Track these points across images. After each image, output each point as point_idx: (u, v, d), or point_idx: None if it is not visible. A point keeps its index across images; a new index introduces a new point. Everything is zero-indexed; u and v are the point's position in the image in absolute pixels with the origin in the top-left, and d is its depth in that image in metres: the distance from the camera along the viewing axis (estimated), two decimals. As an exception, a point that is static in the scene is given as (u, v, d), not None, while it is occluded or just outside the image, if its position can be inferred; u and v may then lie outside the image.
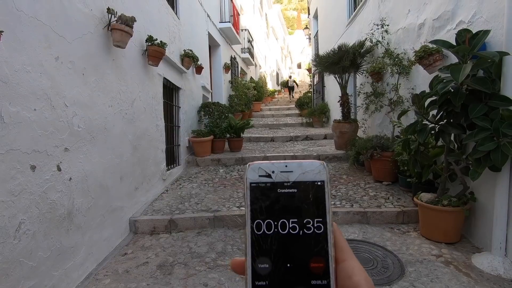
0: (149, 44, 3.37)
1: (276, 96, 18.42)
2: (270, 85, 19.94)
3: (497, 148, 2.05)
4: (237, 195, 3.71)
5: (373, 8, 5.10)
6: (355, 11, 6.08)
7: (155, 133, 3.77)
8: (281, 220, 0.30)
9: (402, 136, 3.58)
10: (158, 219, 3.06)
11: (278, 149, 6.03)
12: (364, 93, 5.01)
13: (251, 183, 0.31)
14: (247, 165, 0.32)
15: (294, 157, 5.26)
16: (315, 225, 0.30)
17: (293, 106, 12.29)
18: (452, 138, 2.56)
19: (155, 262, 2.46)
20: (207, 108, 5.91)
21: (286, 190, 0.31)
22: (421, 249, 2.51)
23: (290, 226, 0.30)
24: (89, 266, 2.31)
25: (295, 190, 0.31)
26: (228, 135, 5.83)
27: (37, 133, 1.82)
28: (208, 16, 7.19)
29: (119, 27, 2.53)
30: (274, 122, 9.58)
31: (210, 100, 7.17)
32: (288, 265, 0.29)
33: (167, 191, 3.95)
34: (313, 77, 11.78)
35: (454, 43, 2.39)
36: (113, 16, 2.57)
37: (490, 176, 2.31)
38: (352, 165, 4.58)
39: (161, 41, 3.45)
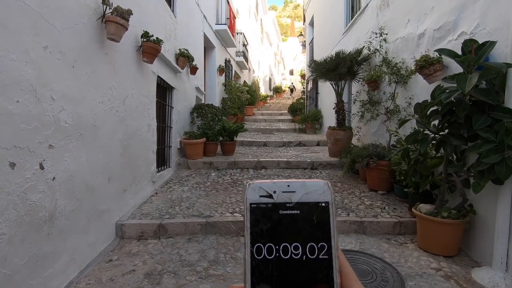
0: (145, 40, 3.24)
1: (268, 101, 18.41)
2: (263, 90, 19.94)
3: (502, 160, 2.01)
4: (230, 200, 3.58)
5: (371, 17, 5.12)
6: (353, 19, 6.10)
7: (146, 133, 3.61)
8: (283, 244, 0.28)
9: (398, 146, 3.55)
10: (147, 223, 2.89)
11: (271, 154, 5.94)
12: (360, 101, 4.99)
13: (251, 204, 0.29)
14: (247, 184, 0.30)
15: (287, 163, 5.18)
16: (320, 249, 0.28)
17: (286, 111, 12.27)
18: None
19: (143, 270, 2.30)
20: (200, 109, 5.78)
21: (289, 212, 0.29)
22: (420, 262, 2.45)
23: (293, 250, 0.28)
24: (71, 273, 2.13)
25: (298, 212, 0.29)
26: (221, 138, 5.70)
27: (19, 128, 1.66)
28: (205, 17, 7.09)
29: (114, 19, 2.40)
30: (267, 127, 9.51)
31: (203, 101, 7.04)
32: None
33: (156, 194, 3.78)
34: (307, 83, 11.81)
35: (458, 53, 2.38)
36: (108, 7, 2.44)
37: (490, 189, 2.27)
38: (346, 173, 4.53)
39: (157, 38, 3.32)
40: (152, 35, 3.28)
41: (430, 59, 3.00)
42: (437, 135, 2.57)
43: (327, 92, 8.33)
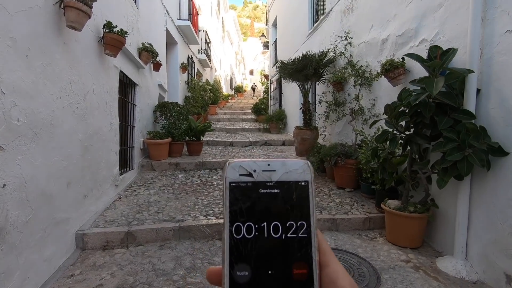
0: (107, 31, 2.95)
1: (230, 100, 18.29)
2: (225, 89, 19.74)
3: (463, 158, 2.19)
4: (202, 203, 3.44)
5: (335, 20, 5.32)
6: (317, 22, 6.29)
7: (108, 133, 3.31)
8: (263, 223, 0.28)
9: (364, 145, 3.73)
10: (112, 231, 2.64)
11: (239, 154, 5.87)
12: (326, 102, 5.16)
13: (230, 183, 0.29)
14: (227, 162, 0.30)
15: (256, 163, 5.15)
16: (299, 228, 0.28)
17: (249, 111, 12.30)
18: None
19: (112, 284, 2.08)
20: (164, 108, 5.49)
21: (268, 191, 0.29)
22: (391, 255, 2.58)
23: (272, 229, 0.28)
24: (25, 294, 1.85)
25: (278, 191, 0.29)
26: (187, 138, 5.48)
27: (-39, 126, 1.39)
28: (167, 11, 6.76)
29: (75, 5, 2.13)
30: (232, 127, 9.42)
31: (166, 100, 6.71)
32: (270, 272, 0.27)
33: (120, 198, 3.49)
34: (270, 83, 11.95)
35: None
36: (67, -9, 2.16)
37: (450, 184, 2.47)
38: (314, 172, 4.63)
39: (121, 29, 3.05)
40: (116, 26, 3.01)
41: (395, 63, 3.19)
42: (403, 135, 2.74)
43: (291, 92, 8.51)
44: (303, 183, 0.29)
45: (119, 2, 3.62)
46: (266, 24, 13.74)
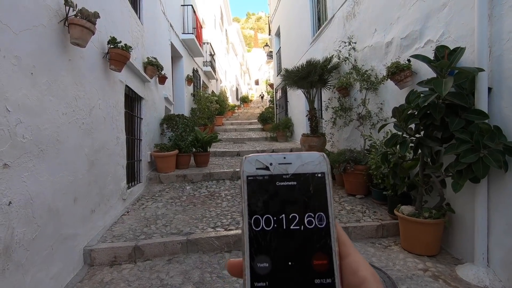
0: (112, 46, 3.00)
1: (236, 111, 18.37)
2: (230, 100, 19.88)
3: (478, 160, 2.10)
4: (210, 215, 3.39)
5: (338, 27, 5.32)
6: (320, 29, 6.30)
7: (115, 147, 3.32)
8: (281, 215, 0.28)
9: (372, 150, 3.64)
10: (120, 246, 2.61)
11: (246, 164, 5.82)
12: (332, 108, 5.10)
13: (248, 176, 0.29)
14: (243, 157, 0.30)
15: (264, 172, 5.10)
16: (317, 219, 0.29)
17: (255, 120, 12.31)
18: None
19: (119, 301, 2.04)
20: (171, 120, 5.52)
21: (285, 183, 0.29)
22: (407, 264, 2.47)
23: (291, 220, 0.28)
24: (32, 314, 1.82)
25: (295, 183, 0.29)
26: (194, 150, 5.48)
27: (-34, 145, 1.39)
28: (171, 25, 6.89)
29: (79, 23, 2.17)
30: (238, 137, 9.41)
31: (172, 112, 6.76)
32: (290, 263, 0.27)
33: (128, 212, 3.47)
34: (276, 92, 11.97)
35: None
36: (71, 9, 2.20)
37: (466, 187, 2.36)
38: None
39: (125, 44, 3.10)
40: (120, 41, 3.05)
41: (401, 66, 3.14)
42: (413, 138, 2.66)
43: (296, 100, 8.50)
44: (319, 175, 0.30)
45: (123, 18, 3.69)
46: (269, 34, 13.89)
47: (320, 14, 6.66)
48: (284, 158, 0.30)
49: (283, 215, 0.28)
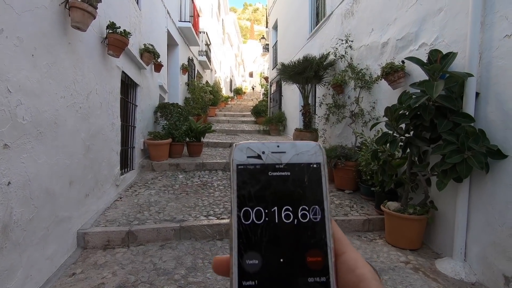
0: (111, 31, 2.98)
1: (229, 102, 18.31)
2: (224, 91, 19.77)
3: (463, 161, 2.22)
4: (202, 203, 3.45)
5: (336, 24, 5.37)
6: (317, 25, 6.34)
7: (110, 133, 3.33)
8: (273, 208, 0.26)
9: (363, 147, 3.75)
10: (114, 230, 2.65)
11: (239, 156, 5.87)
12: (326, 104, 5.19)
13: (238, 165, 0.27)
14: (233, 144, 0.28)
15: (256, 164, 5.17)
16: (312, 212, 0.27)
17: (248, 113, 12.33)
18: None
19: (114, 283, 2.09)
20: (165, 109, 5.51)
21: (278, 173, 0.27)
22: (390, 257, 2.60)
23: (283, 214, 0.26)
24: (27, 292, 1.86)
25: (289, 173, 0.27)
26: (187, 139, 5.49)
27: (-32, 123, 1.40)
28: (168, 12, 6.80)
29: (81, 6, 2.16)
30: (231, 128, 9.43)
31: (166, 100, 6.73)
32: (281, 260, 0.25)
33: (121, 198, 3.50)
34: (270, 85, 11.99)
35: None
36: (73, -8, 2.19)
37: (448, 186, 2.49)
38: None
39: (124, 30, 3.08)
40: (119, 27, 3.04)
41: (395, 67, 3.23)
42: (403, 137, 2.77)
43: (290, 95, 8.55)
44: (315, 165, 0.28)
45: (122, 3, 3.65)
46: (267, 27, 13.82)
47: (318, 10, 6.69)
48: (278, 146, 0.28)
49: (275, 207, 0.27)
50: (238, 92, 24.12)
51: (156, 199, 3.53)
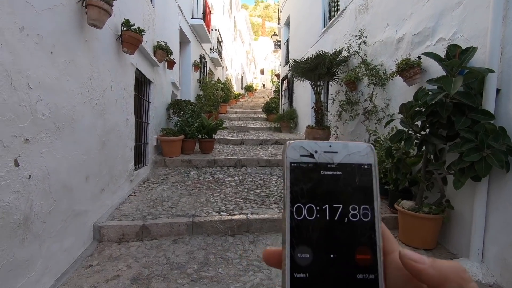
0: (125, 29, 3.02)
1: (240, 99, 18.35)
2: (235, 88, 19.82)
3: (481, 159, 2.15)
4: (214, 199, 3.48)
5: (349, 20, 5.28)
6: (331, 21, 6.25)
7: (124, 129, 3.39)
8: (324, 205, 0.27)
9: (377, 145, 3.69)
10: (128, 225, 2.71)
11: (250, 152, 5.90)
12: (339, 101, 5.13)
13: (291, 163, 0.28)
14: (287, 142, 0.29)
15: (268, 161, 5.18)
16: (362, 212, 0.27)
17: (259, 110, 12.31)
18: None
19: (128, 275, 2.14)
20: (177, 105, 5.57)
21: (330, 172, 0.28)
22: (404, 256, 2.55)
23: (334, 212, 0.27)
24: (47, 282, 1.92)
25: (340, 173, 0.28)
26: (199, 136, 5.54)
27: (-8, 118, 1.45)
28: (181, 10, 6.85)
29: (97, 4, 2.20)
30: (242, 125, 9.45)
31: (178, 97, 6.80)
32: (332, 255, 0.26)
33: (135, 193, 3.57)
34: (282, 82, 11.93)
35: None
36: (89, -10, 2.23)
37: (466, 185, 2.42)
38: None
39: (139, 27, 3.12)
40: (134, 24, 3.08)
41: (411, 62, 3.15)
42: (418, 135, 2.71)
43: (302, 91, 8.49)
44: (366, 166, 0.28)
45: (136, 1, 3.70)
46: (278, 23, 13.73)
47: (332, 5, 6.59)
48: (330, 146, 0.29)
49: (327, 205, 0.27)
50: (249, 89, 24.12)
51: (168, 195, 3.59)
